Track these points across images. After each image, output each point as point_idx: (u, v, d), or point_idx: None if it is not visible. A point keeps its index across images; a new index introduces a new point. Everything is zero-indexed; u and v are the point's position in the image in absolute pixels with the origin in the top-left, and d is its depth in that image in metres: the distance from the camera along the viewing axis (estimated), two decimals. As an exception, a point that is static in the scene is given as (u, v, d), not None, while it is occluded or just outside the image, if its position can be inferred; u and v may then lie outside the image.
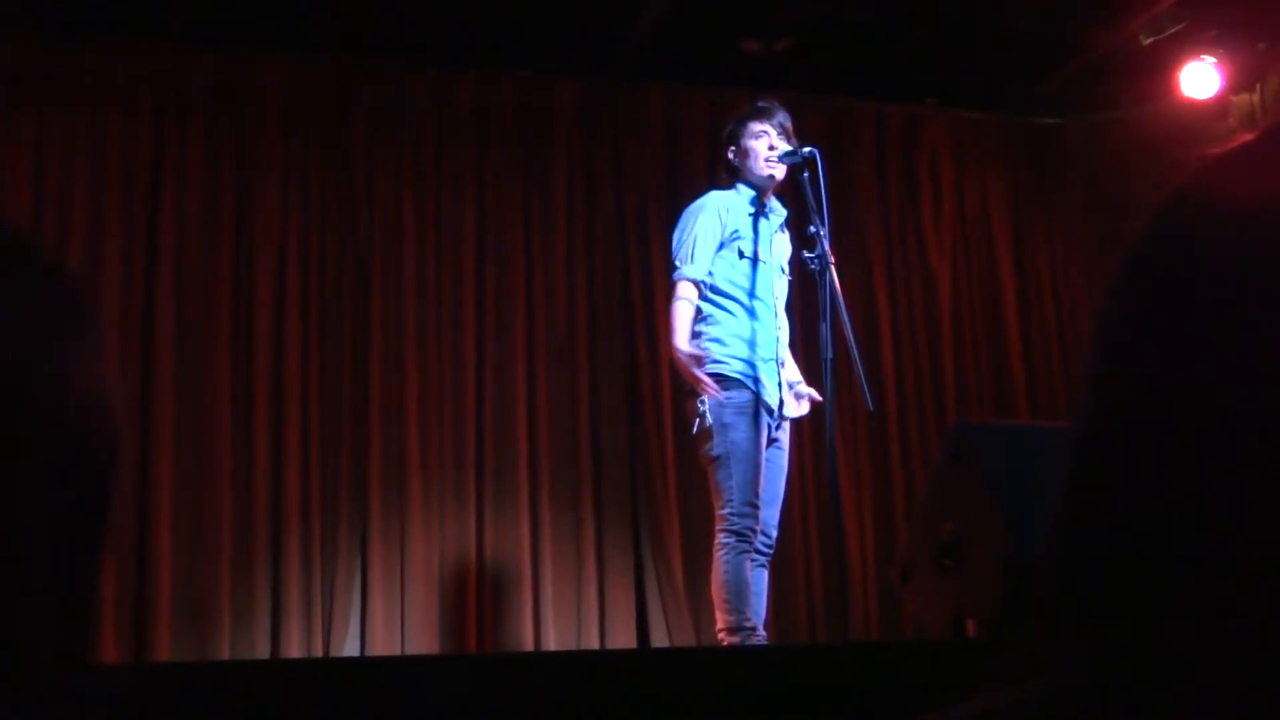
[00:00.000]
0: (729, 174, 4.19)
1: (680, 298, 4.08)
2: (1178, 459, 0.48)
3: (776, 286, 4.12)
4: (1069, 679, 0.50)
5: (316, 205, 5.55)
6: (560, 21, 5.46)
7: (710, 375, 3.99)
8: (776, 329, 4.07)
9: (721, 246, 4.09)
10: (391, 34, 5.51)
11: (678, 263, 4.11)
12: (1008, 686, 0.52)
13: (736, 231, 4.08)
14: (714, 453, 3.93)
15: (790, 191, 4.26)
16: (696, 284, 4.07)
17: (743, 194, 4.14)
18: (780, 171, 4.09)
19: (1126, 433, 0.50)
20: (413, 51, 5.64)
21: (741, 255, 4.07)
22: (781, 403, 4.02)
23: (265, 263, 5.42)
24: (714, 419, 3.94)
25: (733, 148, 4.16)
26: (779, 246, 4.16)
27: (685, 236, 4.12)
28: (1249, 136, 0.53)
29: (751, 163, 4.10)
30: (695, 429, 4.03)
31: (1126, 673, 0.48)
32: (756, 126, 4.11)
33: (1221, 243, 0.49)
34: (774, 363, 4.03)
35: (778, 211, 4.19)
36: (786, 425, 4.09)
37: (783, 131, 4.11)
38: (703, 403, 3.98)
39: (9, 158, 5.21)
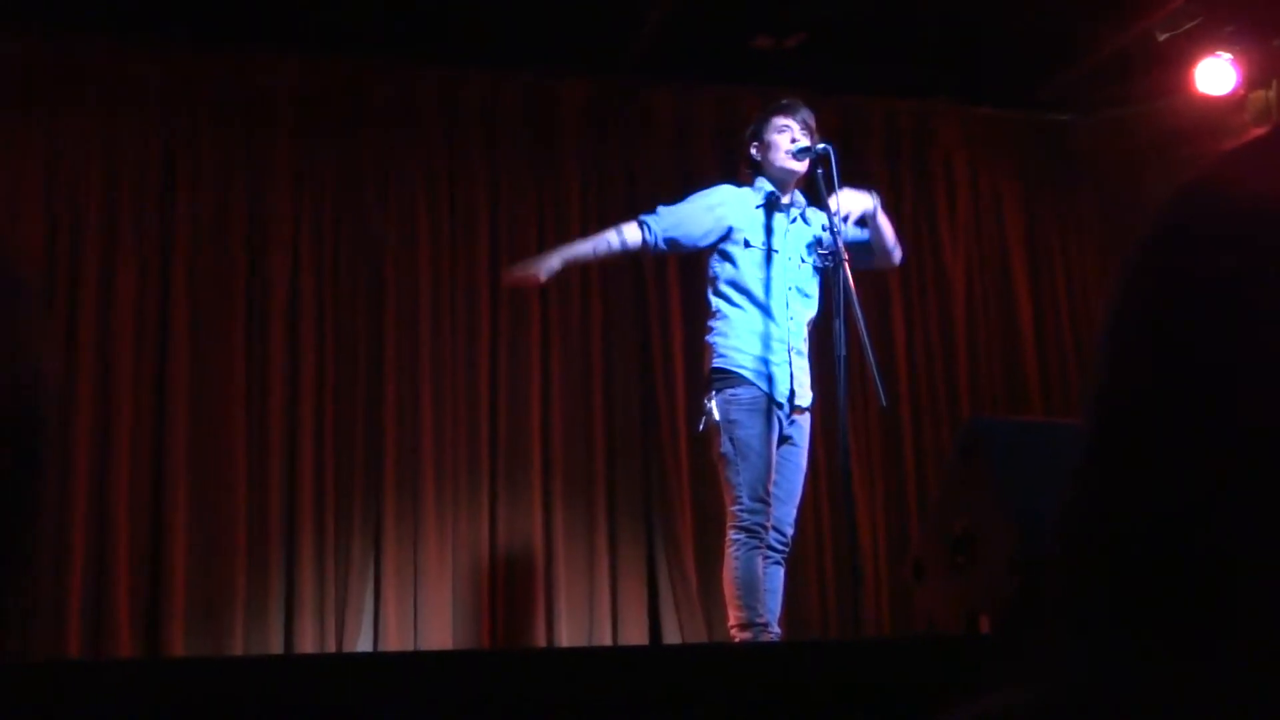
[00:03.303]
0: (750, 169, 4.19)
1: (618, 225, 4.13)
2: (1185, 454, 0.48)
3: (791, 278, 4.11)
4: (1078, 677, 0.50)
5: (329, 205, 5.57)
6: (570, 19, 5.46)
7: (717, 371, 4.01)
8: (789, 320, 4.06)
9: (719, 239, 4.09)
10: (401, 34, 5.51)
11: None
12: (1018, 685, 0.51)
13: (737, 229, 4.08)
14: (722, 450, 3.94)
15: (805, 188, 4.25)
16: (643, 225, 4.09)
17: (758, 189, 4.15)
18: (800, 166, 4.09)
19: (1133, 427, 0.50)
20: (423, 51, 5.64)
21: (748, 245, 4.07)
22: (793, 394, 4.01)
23: (278, 263, 5.44)
24: (721, 416, 3.95)
25: (756, 142, 4.17)
26: (795, 236, 4.15)
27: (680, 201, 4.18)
28: (1260, 131, 0.53)
29: (773, 156, 4.11)
30: (702, 426, 4.04)
31: (1135, 670, 0.48)
32: (780, 121, 4.12)
33: (1231, 237, 0.49)
34: (786, 356, 4.02)
35: (797, 203, 4.19)
36: (802, 423, 4.08)
37: (805, 128, 4.12)
38: (709, 399, 4.00)
39: (22, 160, 5.22)
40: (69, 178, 5.28)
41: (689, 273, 5.44)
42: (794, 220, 4.17)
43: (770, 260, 4.07)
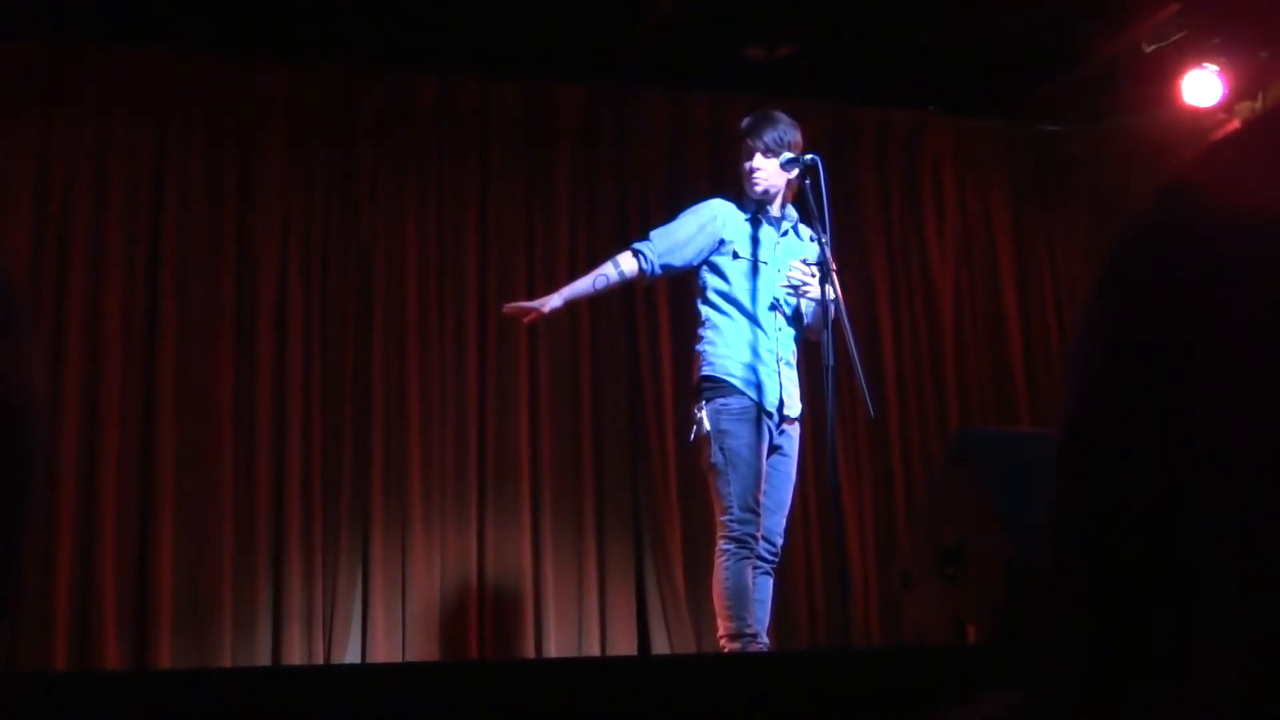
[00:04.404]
0: (736, 187, 4.21)
1: (614, 258, 4.13)
2: (1155, 463, 0.47)
3: (779, 290, 4.11)
4: (1056, 689, 0.49)
5: (319, 211, 5.56)
6: (563, 27, 5.46)
7: (707, 380, 4.01)
8: (778, 331, 4.07)
9: (711, 253, 4.10)
10: (394, 40, 5.51)
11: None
12: (997, 697, 0.51)
13: (728, 241, 4.08)
14: (712, 459, 3.94)
15: (793, 198, 4.26)
16: (639, 255, 4.09)
17: (746, 204, 4.15)
18: (776, 182, 4.08)
19: (1105, 435, 0.50)
20: (416, 57, 5.64)
21: (736, 257, 4.07)
22: (782, 404, 4.01)
23: (268, 269, 5.43)
24: (711, 425, 3.95)
25: (739, 162, 4.18)
26: (786, 249, 4.15)
27: (670, 221, 4.17)
28: (1239, 124, 0.53)
29: (743, 179, 4.13)
30: (693, 436, 4.04)
31: (1111, 683, 0.48)
32: (741, 145, 4.13)
33: (1214, 236, 0.48)
34: (775, 367, 4.03)
35: (789, 216, 4.19)
36: (791, 433, 4.08)
37: (768, 150, 4.06)
38: (700, 409, 4.00)
39: (12, 164, 5.21)
40: (59, 183, 5.26)
41: (677, 283, 5.43)
42: (785, 233, 4.17)
43: (757, 272, 4.07)
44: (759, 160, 4.06)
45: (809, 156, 4.02)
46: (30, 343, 0.62)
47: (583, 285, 4.16)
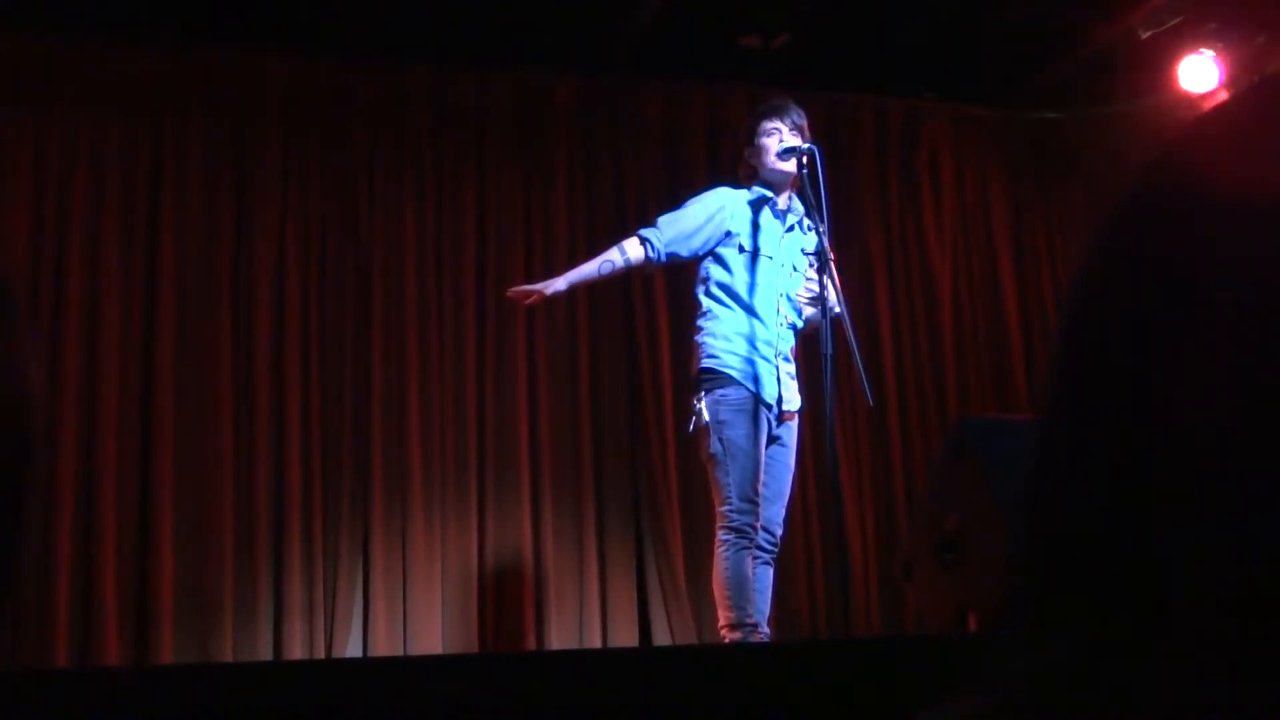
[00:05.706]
0: (747, 175, 4.18)
1: (620, 244, 4.11)
2: (1139, 436, 0.47)
3: (783, 284, 4.10)
4: (1026, 682, 0.49)
5: (316, 204, 5.55)
6: (558, 18, 5.46)
7: (706, 371, 4.01)
8: (779, 325, 4.06)
9: (717, 244, 4.09)
10: (390, 32, 5.51)
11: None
12: (973, 692, 0.50)
13: (734, 233, 4.07)
14: (711, 450, 3.94)
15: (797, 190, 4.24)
16: (646, 242, 4.08)
17: (752, 192, 4.13)
18: (790, 166, 4.07)
19: (1087, 416, 0.49)
20: (411, 49, 5.64)
21: (741, 250, 4.06)
22: (780, 398, 4.01)
23: (265, 262, 5.42)
24: (710, 416, 3.94)
25: (749, 146, 4.15)
26: (791, 244, 4.14)
27: (676, 209, 4.16)
28: (1226, 95, 0.52)
29: (765, 159, 4.09)
30: (692, 427, 4.03)
31: (1092, 665, 0.47)
32: (769, 124, 4.09)
33: (1196, 214, 0.47)
34: (773, 361, 4.02)
35: (794, 210, 4.17)
36: (791, 424, 4.08)
37: (795, 129, 4.08)
38: (699, 400, 3.99)
39: (9, 158, 5.20)
40: (56, 175, 5.25)
41: (675, 273, 5.43)
42: (790, 228, 4.15)
43: (757, 262, 4.06)
44: (788, 135, 4.06)
45: (806, 145, 4.01)
46: (27, 337, 0.62)
47: (587, 270, 4.14)
